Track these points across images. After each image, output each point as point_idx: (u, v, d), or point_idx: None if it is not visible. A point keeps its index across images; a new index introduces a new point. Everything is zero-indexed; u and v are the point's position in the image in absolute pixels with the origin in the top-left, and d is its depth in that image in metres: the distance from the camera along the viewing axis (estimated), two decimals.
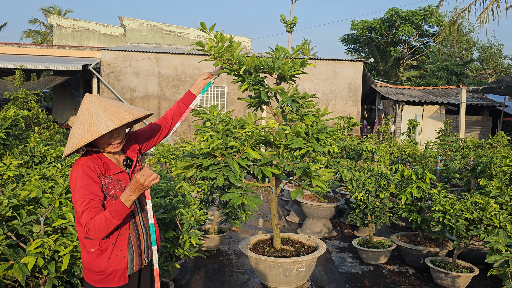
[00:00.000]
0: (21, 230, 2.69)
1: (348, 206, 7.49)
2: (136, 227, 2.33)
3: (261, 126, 3.67)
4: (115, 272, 2.22)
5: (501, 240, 2.75)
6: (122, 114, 2.14)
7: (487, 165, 6.14)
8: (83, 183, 2.10)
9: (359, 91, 18.80)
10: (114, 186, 2.24)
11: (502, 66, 33.31)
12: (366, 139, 11.23)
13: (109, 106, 2.16)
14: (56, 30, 23.25)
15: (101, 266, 2.20)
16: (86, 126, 2.09)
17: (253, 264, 4.12)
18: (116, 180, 2.25)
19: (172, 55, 18.14)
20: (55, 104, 20.80)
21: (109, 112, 2.12)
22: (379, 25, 29.61)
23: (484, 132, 18.26)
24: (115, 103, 2.21)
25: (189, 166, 3.34)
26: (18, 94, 9.04)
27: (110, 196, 2.20)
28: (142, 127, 2.56)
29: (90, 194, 2.09)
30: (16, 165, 4.57)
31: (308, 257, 3.99)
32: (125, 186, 2.28)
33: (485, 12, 12.81)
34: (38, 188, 2.87)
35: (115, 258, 2.22)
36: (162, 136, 2.63)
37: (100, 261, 2.20)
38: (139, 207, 2.37)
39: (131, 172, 2.37)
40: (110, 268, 2.21)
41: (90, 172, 2.13)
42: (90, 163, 2.17)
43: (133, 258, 2.29)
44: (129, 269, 2.28)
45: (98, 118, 2.09)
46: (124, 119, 2.12)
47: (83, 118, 2.12)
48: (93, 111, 2.12)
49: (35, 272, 2.69)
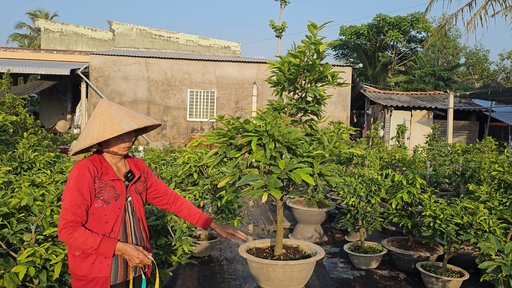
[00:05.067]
0: (12, 238, 2.64)
1: (339, 211, 7.51)
2: (126, 236, 2.32)
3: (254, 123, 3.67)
4: (96, 280, 2.20)
5: (493, 246, 2.78)
6: (141, 118, 2.35)
7: (476, 170, 6.21)
8: (77, 185, 2.19)
9: (348, 96, 18.92)
10: (108, 191, 2.28)
11: (488, 71, 33.83)
12: (356, 144, 11.29)
13: (127, 110, 2.35)
14: (44, 34, 23.03)
15: (83, 271, 2.20)
16: (108, 124, 2.25)
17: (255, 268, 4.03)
18: (111, 186, 2.30)
19: (161, 59, 18.08)
20: (43, 109, 20.56)
21: (130, 115, 2.32)
22: (367, 31, 29.87)
23: (471, 137, 18.49)
24: (131, 110, 2.40)
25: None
26: (5, 99, 8.92)
27: (102, 200, 2.25)
28: (160, 183, 2.68)
29: (80, 197, 2.18)
30: (5, 171, 4.50)
31: (307, 260, 3.91)
32: (120, 194, 2.32)
33: (474, 19, 13.00)
34: (29, 196, 2.83)
35: (98, 264, 2.20)
36: (159, 204, 2.72)
37: (83, 266, 2.20)
38: (132, 219, 2.38)
39: (130, 185, 2.42)
40: (92, 275, 2.19)
41: (86, 173, 2.22)
42: (90, 164, 2.26)
43: (117, 268, 2.26)
44: (112, 279, 2.25)
45: (120, 118, 2.27)
46: (144, 122, 2.33)
47: (103, 118, 2.27)
48: (114, 113, 2.29)
49: (26, 281, 2.64)
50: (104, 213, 2.24)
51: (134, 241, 2.35)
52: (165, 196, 2.69)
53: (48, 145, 7.77)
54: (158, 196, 2.67)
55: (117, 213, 2.29)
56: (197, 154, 5.68)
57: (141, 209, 2.47)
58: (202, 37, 24.06)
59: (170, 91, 18.14)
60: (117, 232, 2.27)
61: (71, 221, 2.13)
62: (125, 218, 2.34)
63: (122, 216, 2.32)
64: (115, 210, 2.28)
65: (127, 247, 2.22)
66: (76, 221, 2.15)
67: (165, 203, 2.71)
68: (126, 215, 2.35)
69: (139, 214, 2.44)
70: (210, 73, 18.29)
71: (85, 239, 2.12)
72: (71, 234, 2.12)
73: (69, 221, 2.13)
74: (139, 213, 2.45)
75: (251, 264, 3.97)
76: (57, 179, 4.39)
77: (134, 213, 2.40)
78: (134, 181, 2.44)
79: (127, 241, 2.31)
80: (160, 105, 18.07)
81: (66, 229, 2.12)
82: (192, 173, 5.66)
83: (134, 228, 2.37)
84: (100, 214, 2.23)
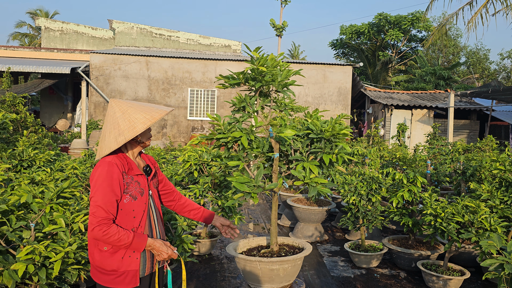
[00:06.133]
0: (11, 236, 2.62)
1: (339, 209, 7.50)
2: (151, 231, 2.38)
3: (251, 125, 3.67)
4: (126, 273, 2.25)
5: (495, 244, 2.77)
6: (160, 107, 2.42)
7: (477, 169, 6.19)
8: (108, 182, 2.21)
9: (348, 95, 18.90)
10: (135, 186, 2.33)
11: (489, 70, 33.80)
12: (356, 143, 11.28)
13: (144, 103, 2.42)
14: (44, 33, 23.01)
15: (113, 266, 2.23)
16: (144, 112, 2.32)
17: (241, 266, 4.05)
18: (136, 181, 2.35)
19: (162, 58, 18.06)
20: (43, 108, 20.55)
21: (150, 106, 2.39)
22: (368, 30, 29.85)
23: (472, 136, 18.47)
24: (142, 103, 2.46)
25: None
26: (5, 97, 8.91)
27: (130, 196, 2.29)
28: (167, 179, 2.72)
29: (112, 194, 2.20)
30: (5, 169, 4.49)
31: (291, 257, 3.90)
32: (144, 189, 2.38)
33: (474, 18, 12.97)
34: (28, 193, 2.81)
35: (127, 258, 2.25)
36: (166, 200, 2.73)
37: (112, 261, 2.23)
38: (155, 213, 2.44)
39: (150, 179, 2.47)
40: (122, 268, 2.24)
41: (116, 169, 2.24)
42: (117, 161, 2.29)
43: (145, 261, 2.32)
44: (141, 271, 2.31)
45: (146, 108, 2.36)
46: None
47: (137, 108, 2.34)
48: (137, 105, 2.36)
49: (25, 279, 2.63)
50: (132, 208, 2.29)
51: (158, 234, 2.42)
52: (172, 193, 2.71)
53: (49, 144, 7.75)
54: (167, 192, 2.69)
55: (144, 208, 2.34)
56: (197, 152, 5.67)
57: (158, 203, 2.53)
58: (202, 36, 24.02)
59: (171, 90, 18.12)
60: (144, 227, 2.32)
61: (104, 218, 2.16)
62: (150, 213, 2.40)
63: (148, 210, 2.38)
64: (142, 205, 2.33)
65: (156, 243, 2.28)
66: (109, 218, 2.18)
67: (172, 200, 2.72)
68: (150, 210, 2.41)
69: (159, 207, 2.52)
70: (210, 72, 18.27)
71: (119, 236, 2.16)
72: (106, 231, 2.14)
73: (103, 218, 2.15)
74: (159, 206, 2.52)
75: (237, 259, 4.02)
76: (57, 177, 4.38)
77: (156, 207, 2.47)
78: (153, 175, 2.50)
79: (152, 235, 2.38)
80: (161, 103, 18.05)
81: (100, 226, 2.14)
82: (192, 171, 5.64)
83: (157, 221, 2.44)
84: (128, 209, 2.28)
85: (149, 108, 2.34)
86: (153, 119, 2.29)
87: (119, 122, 2.29)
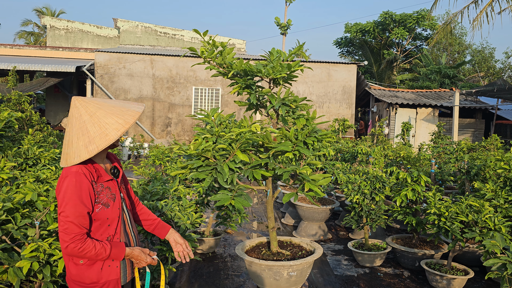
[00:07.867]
0: (16, 233, 2.65)
1: (343, 208, 7.50)
2: (127, 236, 2.30)
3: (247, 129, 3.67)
4: (108, 283, 2.15)
5: (498, 243, 2.76)
6: (131, 107, 2.21)
7: (481, 168, 6.17)
8: (77, 194, 2.04)
9: (353, 94, 18.87)
10: (106, 194, 2.19)
11: (494, 69, 33.58)
12: (360, 142, 11.26)
13: (112, 103, 2.20)
14: (50, 31, 23.11)
15: (92, 278, 2.12)
16: (117, 114, 2.12)
17: (248, 266, 4.09)
18: (107, 187, 2.21)
19: (166, 57, 18.09)
20: (48, 106, 20.65)
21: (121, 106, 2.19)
22: (373, 28, 29.74)
23: (477, 135, 18.39)
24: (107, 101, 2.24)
25: (184, 167, 3.34)
26: (11, 96, 8.96)
27: (102, 204, 2.16)
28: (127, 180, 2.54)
29: (82, 207, 2.05)
30: (10, 167, 4.52)
31: (299, 261, 3.90)
32: (115, 194, 2.24)
33: (479, 16, 12.90)
34: (33, 191, 2.84)
35: (107, 268, 2.15)
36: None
37: (91, 273, 2.12)
38: (128, 216, 2.36)
39: (119, 181, 2.35)
40: (103, 280, 2.14)
41: (84, 179, 2.08)
42: (84, 170, 2.11)
43: (125, 267, 2.25)
44: (122, 279, 2.23)
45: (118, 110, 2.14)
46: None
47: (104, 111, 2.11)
48: (106, 105, 2.14)
49: (30, 276, 2.65)
50: (106, 217, 2.17)
51: (133, 238, 2.34)
52: (131, 193, 2.56)
53: (54, 142, 7.79)
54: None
55: (118, 213, 2.23)
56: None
57: (129, 204, 2.43)
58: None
59: (175, 88, 18.16)
60: (120, 233, 2.23)
61: (77, 233, 2.02)
62: (124, 217, 2.30)
63: (121, 215, 2.28)
64: (116, 211, 2.22)
65: (134, 252, 2.21)
66: (82, 233, 2.04)
67: (131, 202, 2.57)
68: (124, 214, 2.31)
69: (131, 209, 2.43)
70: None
71: (96, 251, 2.05)
72: (82, 247, 2.02)
73: (76, 234, 2.02)
74: (131, 208, 2.43)
75: (245, 262, 4.08)
76: None
77: (128, 209, 2.37)
78: (121, 176, 2.38)
79: (128, 239, 2.29)
80: (165, 102, 18.10)
81: (75, 243, 2.01)
82: None
83: (131, 225, 2.36)
84: (102, 219, 2.16)
85: (120, 110, 2.13)
86: (126, 124, 2.09)
87: (87, 127, 2.07)
